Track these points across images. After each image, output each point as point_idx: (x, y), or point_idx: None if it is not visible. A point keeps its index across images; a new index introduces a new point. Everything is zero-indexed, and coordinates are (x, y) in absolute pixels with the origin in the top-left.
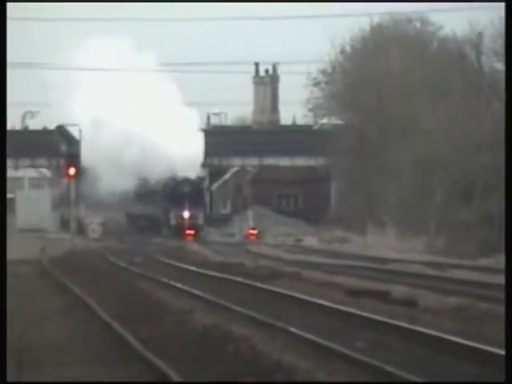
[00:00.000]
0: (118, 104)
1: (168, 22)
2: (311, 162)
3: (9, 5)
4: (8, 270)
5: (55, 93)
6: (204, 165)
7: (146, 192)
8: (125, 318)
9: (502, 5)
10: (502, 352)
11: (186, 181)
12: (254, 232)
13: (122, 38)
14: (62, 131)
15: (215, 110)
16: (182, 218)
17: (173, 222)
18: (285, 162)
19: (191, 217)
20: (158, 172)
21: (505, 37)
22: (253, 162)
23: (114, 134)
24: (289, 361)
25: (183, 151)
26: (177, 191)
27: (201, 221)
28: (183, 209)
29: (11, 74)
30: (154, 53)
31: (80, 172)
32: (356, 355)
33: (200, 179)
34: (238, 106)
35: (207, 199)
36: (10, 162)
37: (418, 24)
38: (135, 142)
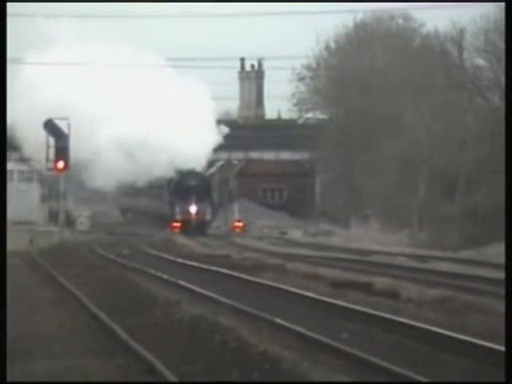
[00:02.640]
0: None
1: (153, 17)
2: (296, 156)
3: None
4: None
5: (49, 87)
6: None
7: (148, 185)
8: (113, 310)
9: (483, 3)
10: (484, 342)
11: (193, 173)
12: (240, 225)
13: (109, 34)
14: (50, 125)
15: None
16: (189, 213)
17: (178, 217)
18: (270, 155)
19: (198, 212)
20: (159, 165)
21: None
22: (238, 155)
23: (107, 127)
24: (274, 351)
25: (185, 144)
26: (182, 184)
27: (209, 216)
28: (189, 203)
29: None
30: (139, 48)
31: (69, 166)
32: (341, 346)
33: (207, 171)
34: (223, 100)
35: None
36: None
37: (400, 21)
38: (132, 136)
